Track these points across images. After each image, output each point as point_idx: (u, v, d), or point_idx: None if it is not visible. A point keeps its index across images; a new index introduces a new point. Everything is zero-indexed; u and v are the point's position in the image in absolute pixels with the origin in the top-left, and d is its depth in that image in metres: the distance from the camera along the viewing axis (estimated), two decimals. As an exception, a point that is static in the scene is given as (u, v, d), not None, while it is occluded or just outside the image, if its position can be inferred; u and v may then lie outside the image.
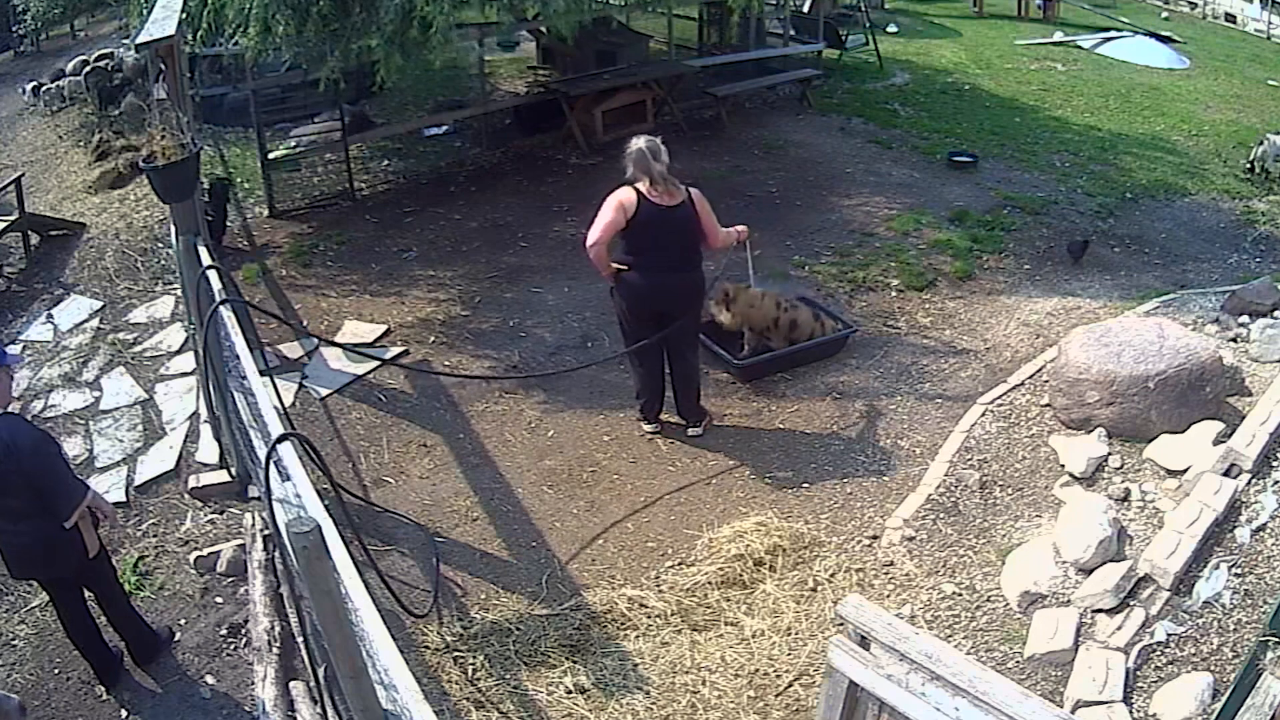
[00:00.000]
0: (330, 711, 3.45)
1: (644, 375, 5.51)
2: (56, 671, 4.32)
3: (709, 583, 4.48)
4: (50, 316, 7.04)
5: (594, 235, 5.04)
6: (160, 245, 7.57)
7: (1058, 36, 15.24)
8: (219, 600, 4.61)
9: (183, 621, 4.51)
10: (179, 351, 6.39)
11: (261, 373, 3.82)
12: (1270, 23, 17.42)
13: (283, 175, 8.62)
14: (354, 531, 3.79)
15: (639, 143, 5.03)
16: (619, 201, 5.01)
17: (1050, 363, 5.62)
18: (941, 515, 4.80)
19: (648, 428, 5.58)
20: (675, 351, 5.42)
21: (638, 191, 4.99)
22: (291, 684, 3.85)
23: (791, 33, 12.34)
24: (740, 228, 5.49)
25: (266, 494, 2.80)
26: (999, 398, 5.60)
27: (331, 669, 3.02)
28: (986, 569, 4.45)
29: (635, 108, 9.76)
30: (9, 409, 3.82)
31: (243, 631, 4.38)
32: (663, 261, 5.09)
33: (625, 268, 5.12)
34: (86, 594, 4.13)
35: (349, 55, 6.90)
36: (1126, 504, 4.54)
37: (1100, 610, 3.98)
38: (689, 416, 5.57)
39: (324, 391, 5.96)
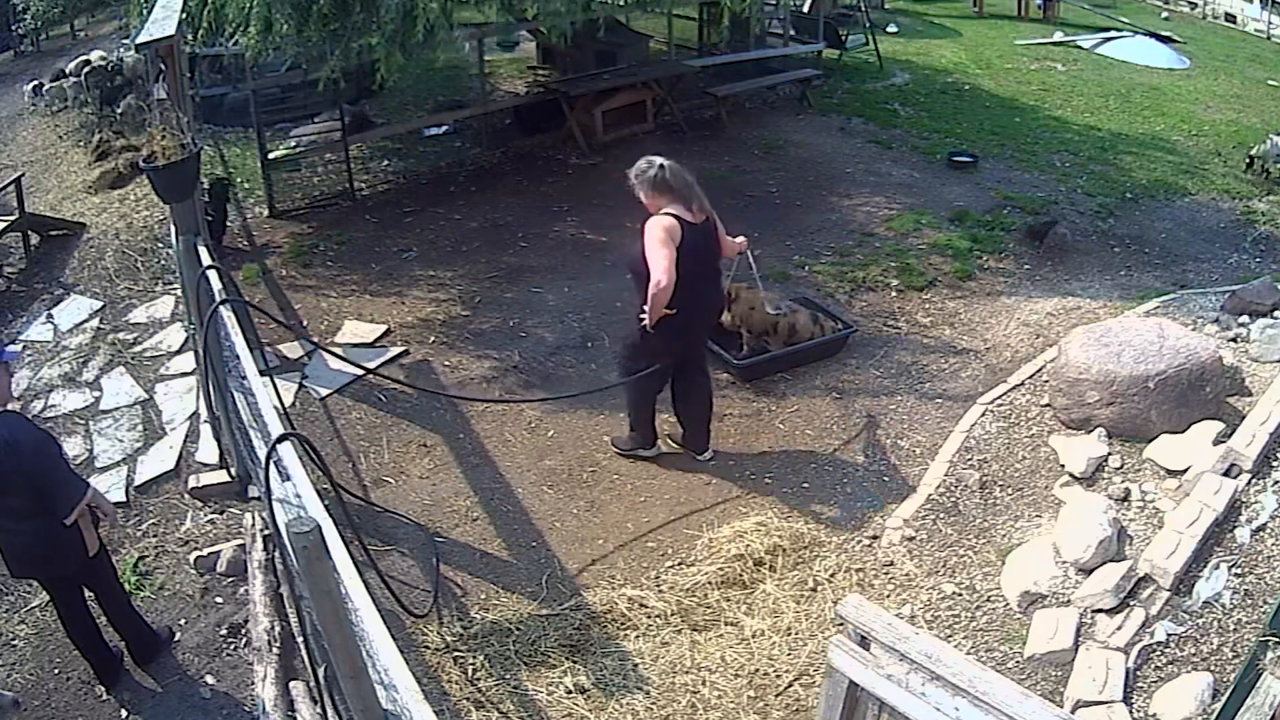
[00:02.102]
0: (330, 711, 3.45)
1: (647, 406, 5.22)
2: (56, 671, 4.32)
3: (709, 583, 4.48)
4: (50, 316, 7.04)
5: (665, 275, 4.41)
6: (160, 245, 7.57)
7: (1058, 36, 15.24)
8: (219, 600, 4.61)
9: (183, 621, 4.51)
10: (179, 351, 6.39)
11: (261, 373, 3.82)
12: (1270, 23, 17.42)
13: (283, 175, 8.62)
14: (354, 531, 3.79)
15: (671, 167, 4.59)
16: (665, 232, 4.49)
17: (1050, 363, 5.62)
18: (941, 515, 4.80)
19: (647, 453, 5.35)
20: (695, 369, 5.09)
21: (675, 217, 4.56)
22: (291, 684, 3.84)
23: (791, 33, 12.35)
24: (741, 238, 5.19)
25: (266, 494, 2.80)
26: (999, 398, 5.60)
27: (331, 669, 3.02)
28: (986, 569, 4.45)
29: (635, 108, 9.77)
30: (9, 407, 3.82)
31: (243, 631, 4.38)
32: (707, 285, 4.81)
33: (671, 311, 4.58)
34: (87, 594, 4.13)
35: (349, 55, 6.90)
36: (1126, 504, 4.54)
37: (1100, 610, 3.98)
38: (702, 443, 5.30)
39: (324, 391, 5.96)
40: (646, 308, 4.61)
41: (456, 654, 4.17)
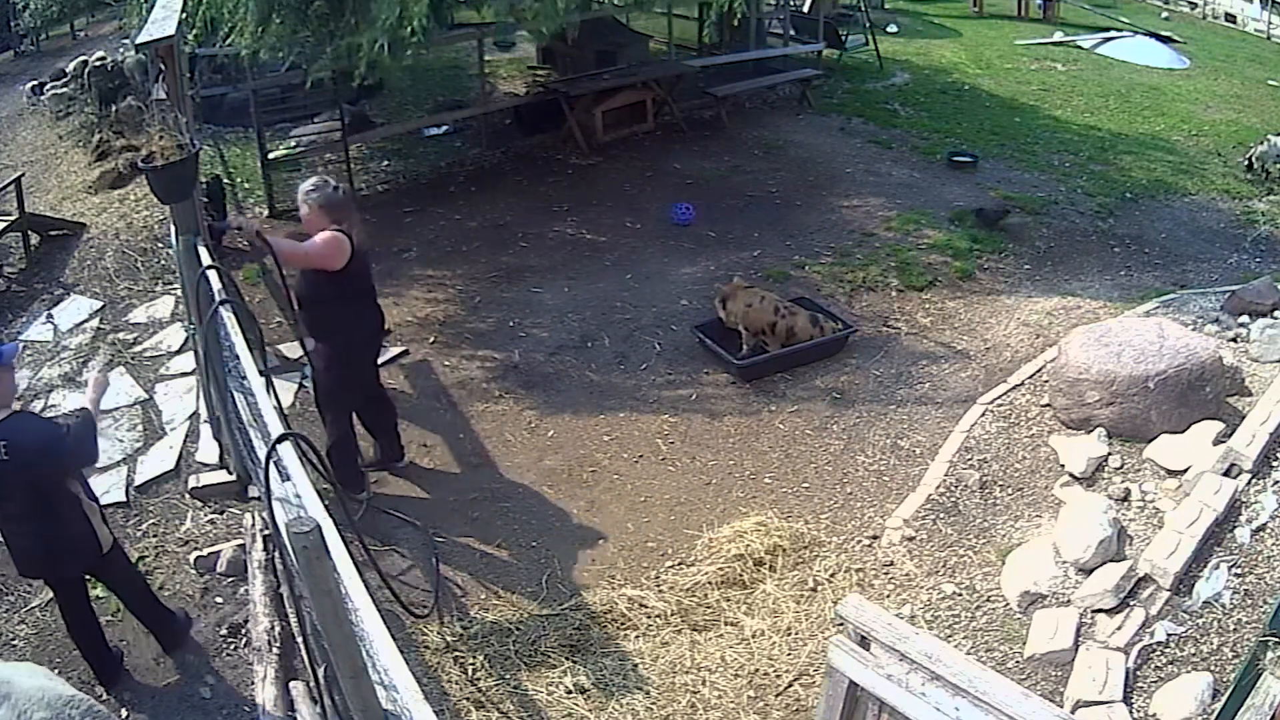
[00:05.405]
0: (330, 711, 3.45)
1: (349, 433, 5.04)
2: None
3: (709, 583, 4.48)
4: (50, 316, 7.03)
5: (315, 249, 4.53)
6: (160, 245, 7.56)
7: (1058, 36, 15.23)
8: (219, 600, 4.60)
9: (183, 621, 4.51)
10: (179, 351, 6.39)
11: (261, 373, 3.82)
12: (1270, 23, 17.41)
13: (283, 175, 8.61)
14: (354, 531, 3.79)
15: (345, 188, 4.67)
16: (338, 243, 4.55)
17: (1050, 363, 5.62)
18: (941, 515, 4.80)
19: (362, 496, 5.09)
20: (377, 384, 5.18)
21: (343, 232, 4.60)
22: (291, 684, 3.84)
23: (791, 33, 12.34)
24: None
25: (266, 494, 2.80)
26: (999, 398, 5.60)
27: (331, 669, 3.01)
28: (986, 569, 4.45)
29: (635, 108, 9.76)
30: (13, 408, 3.81)
31: (243, 631, 4.37)
32: (373, 302, 4.92)
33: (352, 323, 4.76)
34: (91, 593, 4.13)
35: (340, 54, 6.85)
36: (1126, 504, 4.54)
37: (1100, 610, 3.98)
38: (398, 451, 5.30)
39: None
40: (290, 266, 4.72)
41: (456, 654, 4.17)
